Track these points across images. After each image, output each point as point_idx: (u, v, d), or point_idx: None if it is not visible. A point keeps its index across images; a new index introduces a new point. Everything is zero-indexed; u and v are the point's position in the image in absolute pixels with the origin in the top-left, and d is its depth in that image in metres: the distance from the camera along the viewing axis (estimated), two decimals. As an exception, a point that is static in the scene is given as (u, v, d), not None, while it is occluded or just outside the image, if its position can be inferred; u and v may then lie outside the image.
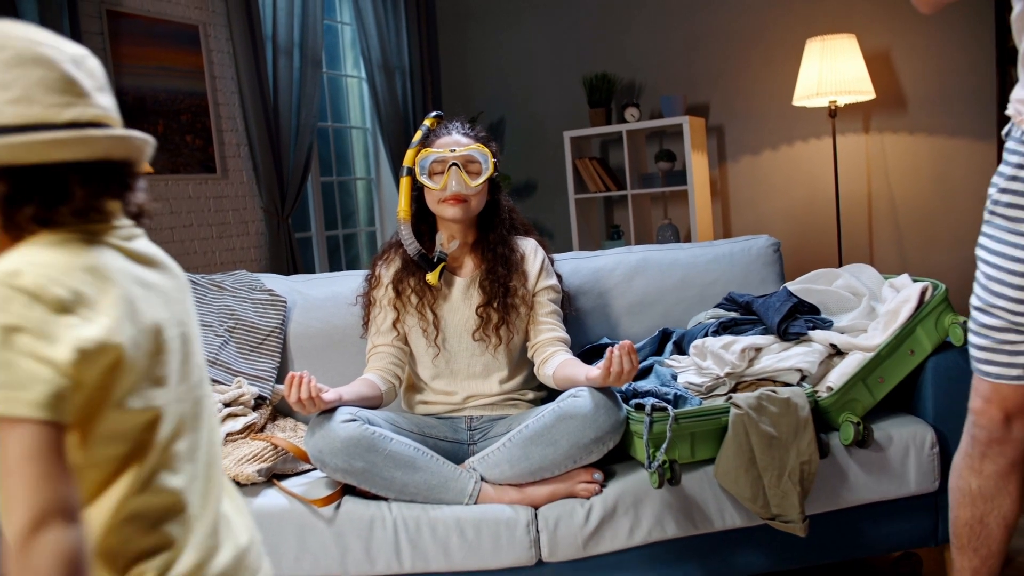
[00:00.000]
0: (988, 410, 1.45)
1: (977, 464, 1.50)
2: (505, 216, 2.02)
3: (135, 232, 0.84)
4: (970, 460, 1.51)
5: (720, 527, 1.73)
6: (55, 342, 0.68)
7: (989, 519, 1.51)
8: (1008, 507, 1.50)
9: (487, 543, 1.66)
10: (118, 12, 3.67)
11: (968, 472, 1.52)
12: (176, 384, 0.80)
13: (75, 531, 0.67)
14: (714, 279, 2.26)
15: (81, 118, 0.77)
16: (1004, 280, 1.39)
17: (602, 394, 1.69)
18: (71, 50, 0.80)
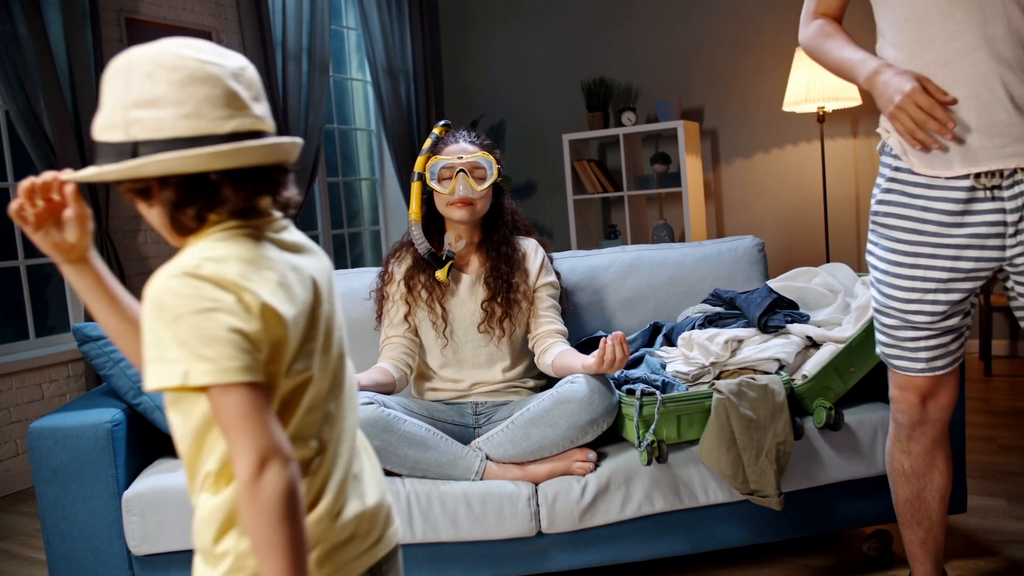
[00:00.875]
0: (905, 397, 1.62)
1: (905, 446, 1.67)
2: (508, 218, 2.18)
3: (284, 223, 0.93)
4: (899, 443, 1.68)
5: (704, 502, 1.90)
6: (244, 318, 0.80)
7: (925, 493, 1.69)
8: (939, 480, 1.68)
9: (492, 515, 1.83)
10: (136, 19, 3.81)
11: (899, 454, 1.69)
12: (320, 355, 0.90)
13: (290, 467, 0.80)
14: (702, 277, 2.42)
15: (240, 129, 0.85)
16: (891, 283, 1.55)
17: (597, 380, 1.86)
18: (232, 64, 0.88)
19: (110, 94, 0.86)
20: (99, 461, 1.78)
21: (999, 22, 1.38)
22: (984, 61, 1.39)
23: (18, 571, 2.50)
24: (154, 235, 3.88)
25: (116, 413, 1.82)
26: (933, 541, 1.73)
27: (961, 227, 1.46)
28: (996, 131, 1.40)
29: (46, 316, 3.67)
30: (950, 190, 1.46)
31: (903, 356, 1.59)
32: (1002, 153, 1.41)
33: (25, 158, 3.50)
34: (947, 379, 1.60)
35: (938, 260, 1.49)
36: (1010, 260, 1.47)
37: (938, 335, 1.55)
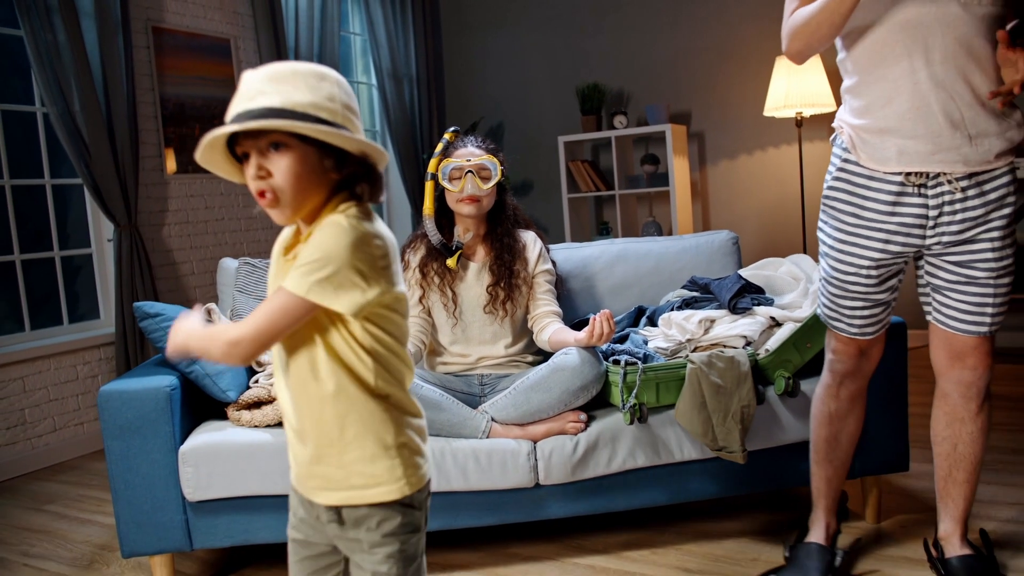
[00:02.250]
0: (847, 349, 1.93)
1: (835, 391, 1.98)
2: (510, 213, 2.48)
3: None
4: (830, 389, 1.99)
5: (679, 458, 2.19)
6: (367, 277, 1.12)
7: (841, 436, 2.00)
8: (854, 425, 2.01)
9: (496, 468, 2.12)
10: (161, 28, 4.09)
11: (828, 398, 2.00)
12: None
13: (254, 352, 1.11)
14: (682, 266, 2.72)
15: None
16: (836, 257, 1.85)
17: (587, 352, 2.15)
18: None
19: (320, 87, 1.13)
20: (159, 419, 2.06)
21: (938, 50, 1.65)
22: (924, 80, 1.67)
23: (69, 529, 2.79)
24: (178, 228, 4.16)
25: (173, 379, 2.11)
26: (837, 479, 2.05)
27: (893, 215, 1.76)
28: (928, 140, 1.69)
29: (78, 303, 3.95)
30: (886, 183, 1.75)
31: (841, 319, 1.90)
32: (930, 159, 1.70)
33: (60, 155, 3.78)
34: (876, 340, 1.92)
35: (873, 241, 1.79)
36: (928, 247, 1.78)
37: (871, 306, 1.85)
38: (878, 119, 1.72)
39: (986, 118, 1.68)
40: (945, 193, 1.71)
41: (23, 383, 3.49)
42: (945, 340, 1.85)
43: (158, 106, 4.07)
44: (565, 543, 2.36)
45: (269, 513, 2.11)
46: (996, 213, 1.73)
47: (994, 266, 1.75)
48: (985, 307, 1.78)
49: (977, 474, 1.93)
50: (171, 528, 2.09)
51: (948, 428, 1.91)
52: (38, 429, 3.54)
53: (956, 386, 1.87)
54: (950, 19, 1.64)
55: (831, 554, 2.01)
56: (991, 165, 1.71)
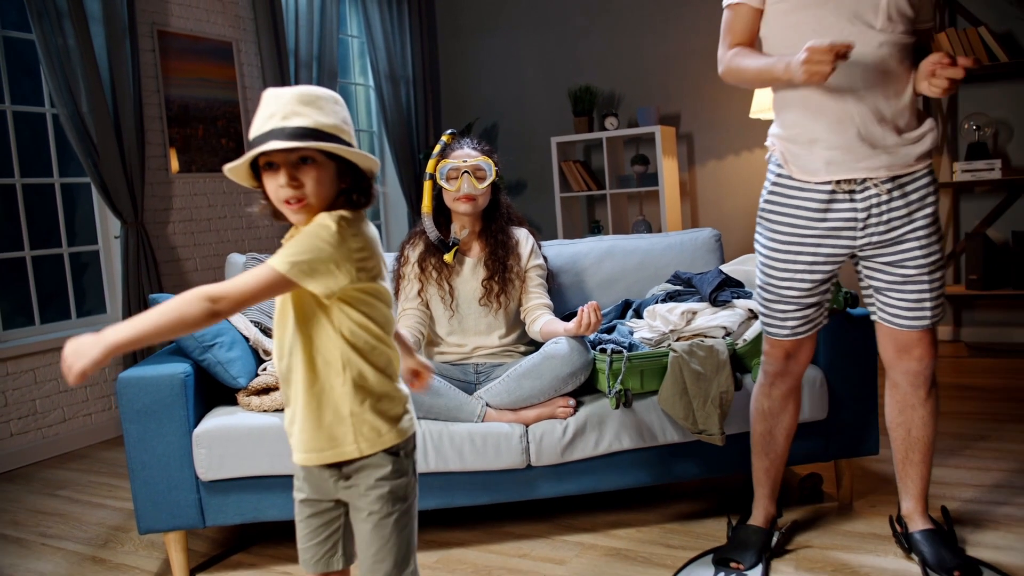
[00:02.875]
0: (775, 352, 2.09)
1: (768, 390, 2.13)
2: (504, 211, 2.62)
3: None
4: (764, 388, 2.14)
5: (662, 441, 2.33)
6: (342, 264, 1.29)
7: (776, 431, 2.15)
8: (788, 421, 2.16)
9: (491, 450, 2.26)
10: (166, 32, 4.22)
11: (763, 397, 2.15)
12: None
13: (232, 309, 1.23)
14: (667, 262, 2.86)
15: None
16: (771, 264, 1.99)
17: (576, 341, 2.29)
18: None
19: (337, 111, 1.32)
20: (174, 404, 2.20)
21: (858, 70, 1.82)
22: (847, 98, 1.84)
23: (82, 512, 2.92)
24: (182, 226, 4.29)
25: (187, 367, 2.24)
26: (775, 470, 2.20)
27: (823, 221, 1.91)
28: (852, 150, 1.85)
29: (85, 299, 4.08)
30: (816, 192, 1.90)
31: (774, 324, 2.05)
32: (856, 166, 1.86)
33: (68, 155, 3.90)
34: (806, 342, 2.07)
35: (806, 246, 1.94)
36: (860, 248, 1.92)
37: (803, 308, 2.00)
38: (809, 134, 1.88)
39: (903, 127, 1.86)
40: (872, 196, 1.87)
41: (34, 375, 3.62)
42: (891, 336, 2.00)
43: (163, 107, 4.20)
44: (555, 522, 2.50)
45: (277, 492, 2.25)
46: (919, 212, 1.89)
47: (923, 263, 1.90)
48: (923, 302, 1.93)
49: (931, 454, 2.08)
50: (185, 506, 2.23)
51: (901, 415, 2.06)
52: (48, 419, 3.67)
53: (905, 376, 2.02)
54: (870, 44, 1.80)
55: (768, 535, 2.17)
56: (911, 168, 1.88)
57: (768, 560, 2.13)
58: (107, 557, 2.51)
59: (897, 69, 1.83)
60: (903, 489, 2.12)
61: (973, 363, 4.22)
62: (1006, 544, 2.14)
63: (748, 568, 2.07)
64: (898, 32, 1.82)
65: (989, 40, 4.24)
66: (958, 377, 3.95)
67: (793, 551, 2.21)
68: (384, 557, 1.38)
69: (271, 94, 1.32)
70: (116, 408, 3.96)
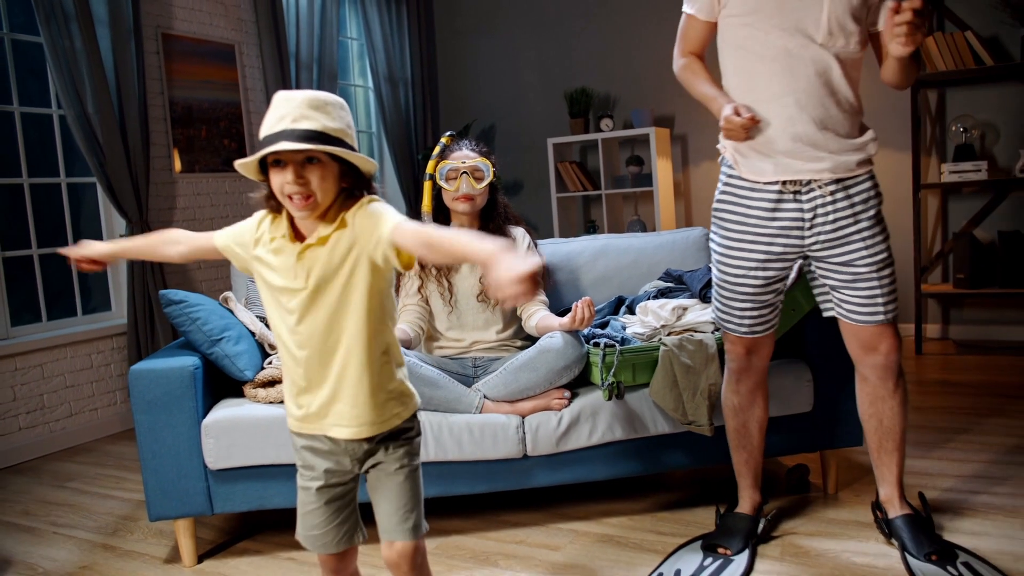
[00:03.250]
0: (735, 349, 2.19)
1: (735, 387, 2.23)
2: (501, 210, 2.71)
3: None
4: (732, 385, 2.24)
5: (653, 432, 2.42)
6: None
7: (749, 424, 2.25)
8: (759, 414, 2.25)
9: (488, 440, 2.35)
10: (170, 34, 4.31)
11: (731, 394, 2.25)
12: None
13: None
14: (659, 260, 2.95)
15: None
16: (725, 262, 2.09)
17: (570, 336, 2.38)
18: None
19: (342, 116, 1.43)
20: (184, 396, 2.28)
21: (803, 79, 1.94)
22: (790, 105, 1.95)
23: (91, 503, 3.00)
24: (185, 225, 4.38)
25: (195, 360, 2.33)
26: (754, 461, 2.30)
27: (773, 220, 2.01)
28: (796, 153, 1.96)
29: (90, 297, 4.16)
30: (765, 192, 2.01)
31: (731, 321, 2.14)
32: (801, 168, 1.97)
33: (74, 155, 3.99)
34: (765, 339, 2.17)
35: (757, 244, 2.04)
36: (809, 247, 2.03)
37: (758, 307, 2.10)
38: (755, 137, 1.98)
39: (845, 134, 1.98)
40: (817, 198, 1.97)
41: (42, 370, 3.70)
42: (853, 332, 2.10)
43: (167, 108, 4.29)
44: (550, 511, 2.59)
45: (282, 480, 2.33)
46: (863, 214, 2.00)
47: (870, 261, 2.01)
48: (876, 299, 2.03)
49: (904, 442, 2.17)
50: (194, 494, 2.32)
51: (872, 407, 2.16)
52: (56, 414, 3.75)
53: (873, 370, 2.11)
54: (812, 56, 1.92)
55: (755, 522, 2.26)
56: (853, 172, 1.99)
57: (755, 546, 2.22)
58: (117, 544, 2.59)
59: (839, 80, 1.94)
60: (880, 477, 2.21)
61: (961, 360, 4.32)
62: (983, 530, 2.24)
63: (735, 553, 2.16)
64: (839, 46, 1.92)
65: (976, 44, 4.33)
66: (946, 374, 4.05)
67: (779, 537, 2.30)
68: (413, 506, 1.55)
69: (283, 97, 1.42)
70: (121, 403, 4.05)
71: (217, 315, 2.44)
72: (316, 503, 1.56)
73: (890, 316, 2.05)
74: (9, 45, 3.76)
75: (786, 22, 1.92)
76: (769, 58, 1.95)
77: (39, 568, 2.46)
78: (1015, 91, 4.52)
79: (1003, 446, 2.90)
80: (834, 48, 1.93)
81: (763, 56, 1.95)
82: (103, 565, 2.44)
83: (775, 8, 1.92)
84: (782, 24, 1.92)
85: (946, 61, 4.38)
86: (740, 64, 2.02)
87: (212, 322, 2.39)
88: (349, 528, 1.61)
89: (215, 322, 2.40)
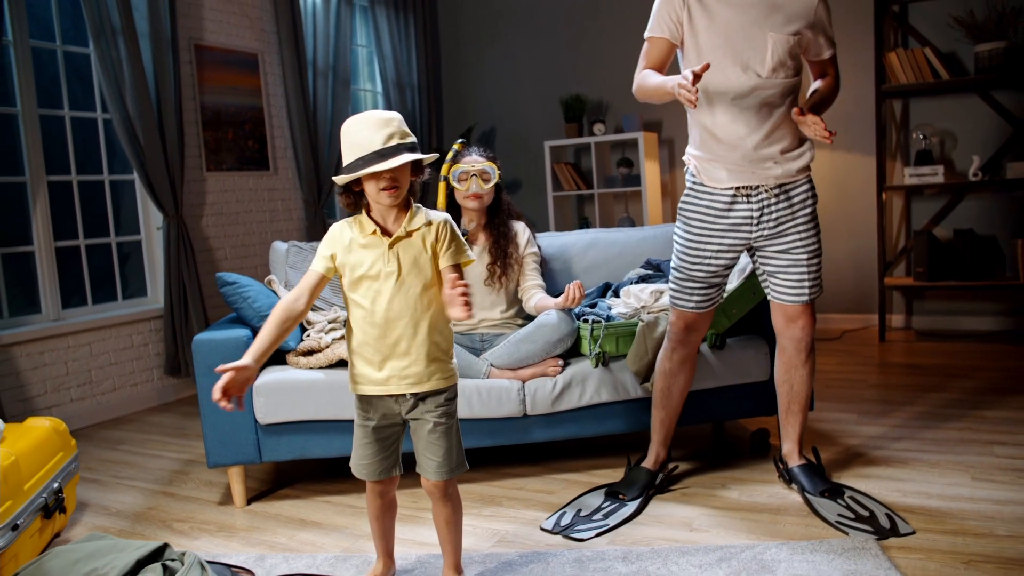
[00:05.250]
0: (678, 323, 2.60)
1: (670, 354, 2.64)
2: (505, 208, 3.14)
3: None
4: (667, 352, 2.64)
5: (634, 396, 2.85)
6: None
7: (673, 388, 2.66)
8: (683, 381, 2.66)
9: (494, 402, 2.78)
10: (202, 45, 4.72)
11: (665, 359, 2.65)
12: None
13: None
14: (642, 251, 3.38)
15: None
16: (685, 251, 2.52)
17: (563, 313, 2.82)
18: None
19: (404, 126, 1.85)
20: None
21: (751, 106, 2.36)
22: (741, 126, 2.37)
23: (144, 462, 3.43)
24: (214, 219, 4.80)
25: (247, 332, 2.75)
26: (669, 421, 2.71)
27: (727, 218, 2.44)
28: (747, 165, 2.40)
29: (128, 283, 4.58)
30: (721, 194, 2.44)
31: (681, 298, 2.56)
32: (751, 176, 2.40)
33: (112, 155, 4.40)
34: (704, 316, 2.58)
35: (714, 237, 2.47)
36: (754, 240, 2.46)
37: (706, 287, 2.53)
38: (712, 152, 2.42)
39: (787, 147, 2.40)
40: (763, 199, 2.41)
41: (90, 348, 4.12)
42: (781, 309, 2.53)
43: (198, 112, 4.71)
44: (546, 465, 3.03)
45: (320, 434, 2.76)
46: (800, 211, 2.43)
47: (804, 251, 2.44)
48: (803, 283, 2.47)
49: (807, 406, 2.62)
50: (246, 445, 2.74)
51: (786, 374, 2.59)
52: (102, 387, 4.17)
53: (791, 342, 2.55)
54: (758, 87, 2.34)
55: (654, 476, 2.68)
56: (793, 178, 2.42)
57: (650, 496, 2.63)
58: (175, 491, 3.02)
59: (780, 104, 2.38)
60: (785, 434, 2.65)
61: (920, 346, 4.77)
62: (907, 477, 2.68)
63: (630, 499, 2.58)
64: (780, 78, 2.35)
65: (933, 60, 4.77)
66: (902, 358, 4.50)
67: (679, 489, 2.71)
68: (444, 456, 1.95)
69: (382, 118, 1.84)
70: (158, 380, 4.47)
71: (264, 295, 2.86)
72: (369, 439, 1.98)
73: (812, 297, 2.49)
74: (61, 56, 4.18)
75: (736, 59, 2.34)
76: (722, 90, 2.37)
77: (112, 508, 2.89)
78: (970, 102, 4.96)
79: (939, 415, 3.34)
80: (776, 80, 2.36)
81: (717, 88, 2.37)
82: (166, 507, 2.88)
83: (728, 47, 2.34)
84: (732, 59, 2.34)
85: (907, 74, 4.82)
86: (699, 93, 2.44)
87: (260, 300, 2.82)
88: (391, 462, 2.03)
89: (263, 300, 2.83)
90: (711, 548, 2.22)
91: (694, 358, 2.67)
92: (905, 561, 2.09)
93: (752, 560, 2.12)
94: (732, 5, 2.34)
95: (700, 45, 2.38)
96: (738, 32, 2.33)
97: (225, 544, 2.51)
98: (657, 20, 2.43)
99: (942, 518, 2.34)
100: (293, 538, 2.52)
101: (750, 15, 2.33)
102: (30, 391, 3.84)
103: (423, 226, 1.90)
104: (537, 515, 2.56)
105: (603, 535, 2.38)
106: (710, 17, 2.35)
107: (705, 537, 2.33)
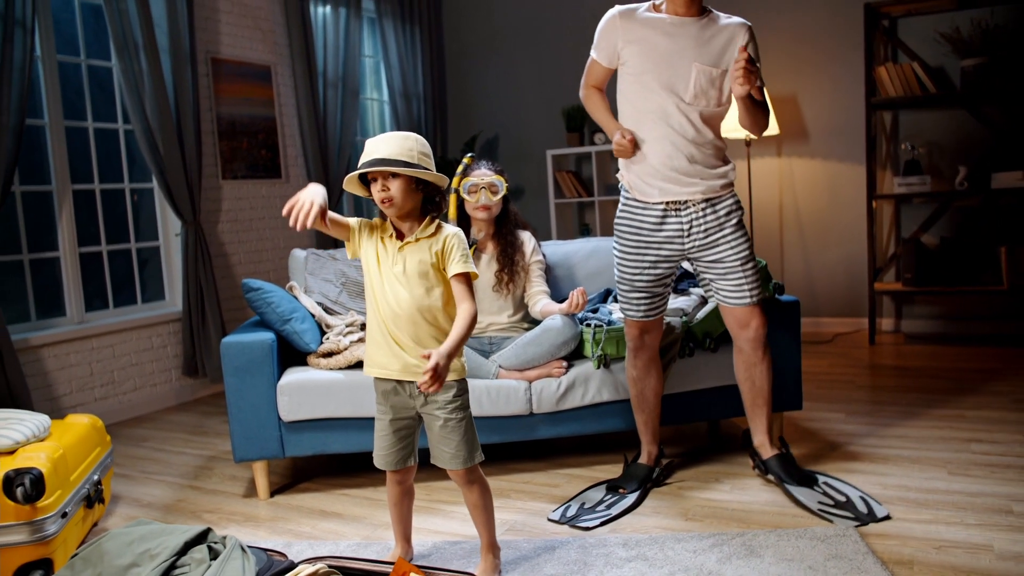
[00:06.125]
0: (632, 331, 2.78)
1: (633, 361, 2.82)
2: (512, 218, 3.33)
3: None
4: (630, 359, 2.82)
5: (633, 396, 3.05)
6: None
7: (646, 392, 2.84)
8: (654, 383, 2.84)
9: (502, 401, 2.97)
10: (218, 58, 4.91)
11: (630, 367, 2.84)
12: None
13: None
14: (641, 259, 3.57)
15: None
16: (624, 263, 2.70)
17: (567, 318, 3.01)
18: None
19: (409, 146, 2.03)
20: (263, 362, 2.90)
21: (676, 128, 2.57)
22: (668, 146, 2.59)
23: (168, 458, 3.62)
24: (229, 226, 4.99)
25: (271, 335, 2.94)
26: (652, 422, 2.89)
27: (660, 231, 2.64)
28: (674, 181, 2.60)
29: (147, 287, 4.76)
30: (653, 209, 2.64)
31: (629, 307, 2.75)
32: (679, 192, 2.60)
33: (132, 164, 4.59)
34: (655, 323, 2.77)
35: (649, 249, 2.67)
36: (688, 251, 2.65)
37: (650, 297, 2.72)
38: (643, 169, 2.62)
39: (711, 167, 2.61)
40: (692, 213, 2.61)
41: (112, 350, 4.31)
42: (731, 313, 2.72)
43: (215, 123, 4.89)
44: (551, 461, 3.22)
45: (339, 431, 2.95)
46: (727, 223, 2.63)
47: (735, 258, 2.63)
48: (743, 286, 2.66)
49: (771, 399, 2.81)
50: (270, 441, 2.93)
51: (747, 371, 2.78)
52: (124, 387, 4.36)
53: (747, 343, 2.73)
54: (682, 110, 2.56)
55: (650, 471, 2.87)
56: (718, 193, 2.62)
57: (648, 488, 2.82)
58: (201, 485, 3.21)
59: (703, 128, 2.58)
60: (754, 428, 2.85)
61: (908, 349, 4.96)
62: (889, 471, 2.87)
63: (630, 492, 2.77)
64: (702, 104, 2.56)
65: (921, 74, 4.97)
66: (890, 360, 4.69)
67: (675, 483, 2.90)
68: (456, 448, 2.14)
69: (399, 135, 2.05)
70: (176, 381, 4.65)
71: (286, 300, 3.05)
72: (386, 431, 2.18)
73: (755, 299, 2.68)
74: (85, 70, 4.37)
75: (663, 84, 2.56)
76: (651, 110, 2.59)
77: (144, 500, 3.07)
78: (956, 115, 5.16)
79: (922, 414, 3.53)
80: (699, 106, 2.57)
81: (647, 109, 2.59)
82: (194, 499, 3.06)
83: (656, 72, 2.56)
84: (659, 84, 2.56)
85: (896, 87, 5.01)
86: (630, 112, 2.66)
87: (283, 305, 3.01)
88: (407, 452, 2.22)
89: (285, 305, 3.02)
90: (704, 535, 2.40)
91: (657, 360, 2.84)
92: (882, 546, 2.29)
93: (742, 546, 2.31)
94: (668, 35, 2.57)
95: (633, 66, 2.61)
96: (666, 59, 2.56)
97: (253, 533, 2.69)
98: (597, 45, 2.72)
99: (918, 508, 2.53)
100: (316, 527, 2.71)
101: (680, 44, 2.56)
102: (57, 391, 4.02)
103: (432, 235, 2.10)
104: (543, 507, 2.75)
105: (606, 524, 2.57)
106: (645, 43, 2.58)
107: (699, 526, 2.52)
